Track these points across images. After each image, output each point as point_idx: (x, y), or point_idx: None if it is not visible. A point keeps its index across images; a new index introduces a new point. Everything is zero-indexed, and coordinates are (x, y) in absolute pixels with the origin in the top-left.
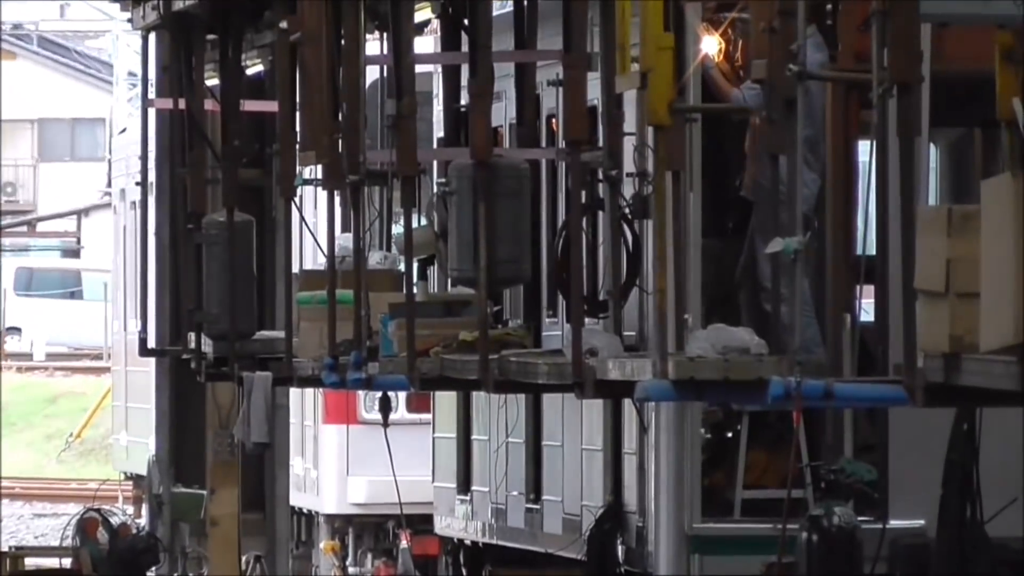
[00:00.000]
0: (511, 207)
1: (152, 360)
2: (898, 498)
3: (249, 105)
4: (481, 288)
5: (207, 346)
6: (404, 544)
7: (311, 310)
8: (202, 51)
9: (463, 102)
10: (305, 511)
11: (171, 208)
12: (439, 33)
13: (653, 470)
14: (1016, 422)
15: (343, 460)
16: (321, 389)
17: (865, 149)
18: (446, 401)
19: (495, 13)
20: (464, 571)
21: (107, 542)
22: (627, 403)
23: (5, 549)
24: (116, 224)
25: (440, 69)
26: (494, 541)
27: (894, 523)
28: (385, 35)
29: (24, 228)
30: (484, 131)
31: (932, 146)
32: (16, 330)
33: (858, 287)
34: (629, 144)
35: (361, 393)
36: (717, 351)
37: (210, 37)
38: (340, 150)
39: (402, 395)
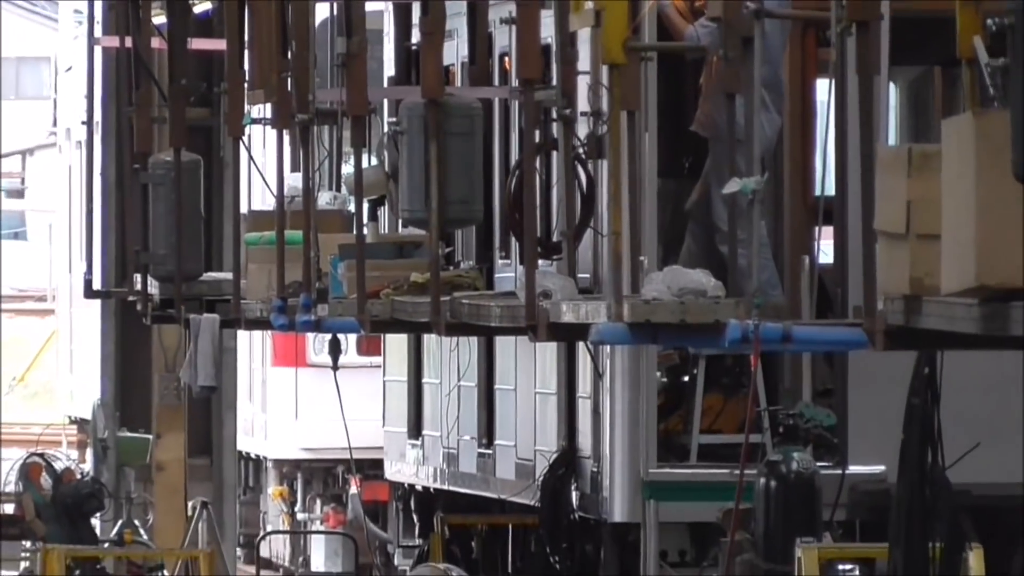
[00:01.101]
0: (463, 147)
1: (97, 302)
2: (857, 443)
3: (197, 43)
4: (433, 229)
5: (153, 288)
6: (354, 490)
7: (259, 251)
8: None
9: (414, 41)
10: (253, 456)
11: (117, 148)
12: None
13: (608, 415)
14: (978, 366)
15: (292, 404)
16: (269, 332)
17: (824, 88)
18: (397, 344)
19: None
20: (415, 517)
21: (51, 487)
22: (582, 347)
23: None
24: (61, 164)
25: (391, 7)
26: (445, 487)
27: (854, 469)
28: None
29: None
30: (435, 70)
31: (892, 85)
32: None
33: (817, 228)
34: (584, 83)
35: (310, 336)
36: (673, 293)
37: None
38: (289, 89)
39: (352, 338)
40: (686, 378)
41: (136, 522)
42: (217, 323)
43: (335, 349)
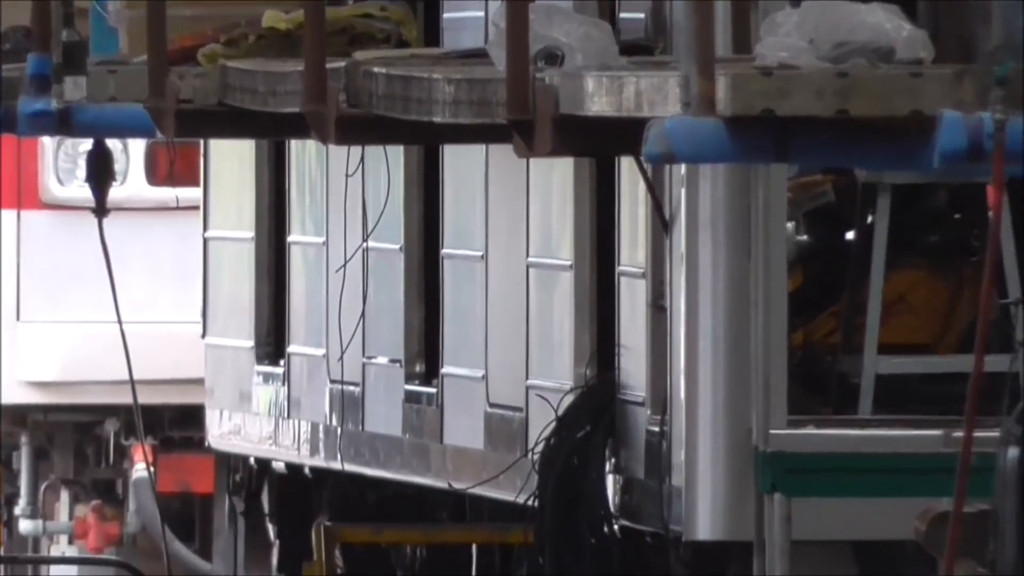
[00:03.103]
0: None
1: None
2: None
3: None
4: None
5: None
6: (140, 469)
7: None
8: None
9: None
10: None
11: None
12: None
13: (683, 312)
14: None
15: (12, 291)
16: None
17: None
18: (231, 163)
19: None
20: (270, 526)
21: None
22: (626, 170)
23: None
24: None
25: None
26: (336, 464)
27: None
28: None
29: None
30: None
31: None
32: None
33: None
34: None
35: (49, 143)
36: (822, 53)
37: None
38: None
39: (137, 148)
40: (849, 235)
41: None
42: None
43: (100, 172)
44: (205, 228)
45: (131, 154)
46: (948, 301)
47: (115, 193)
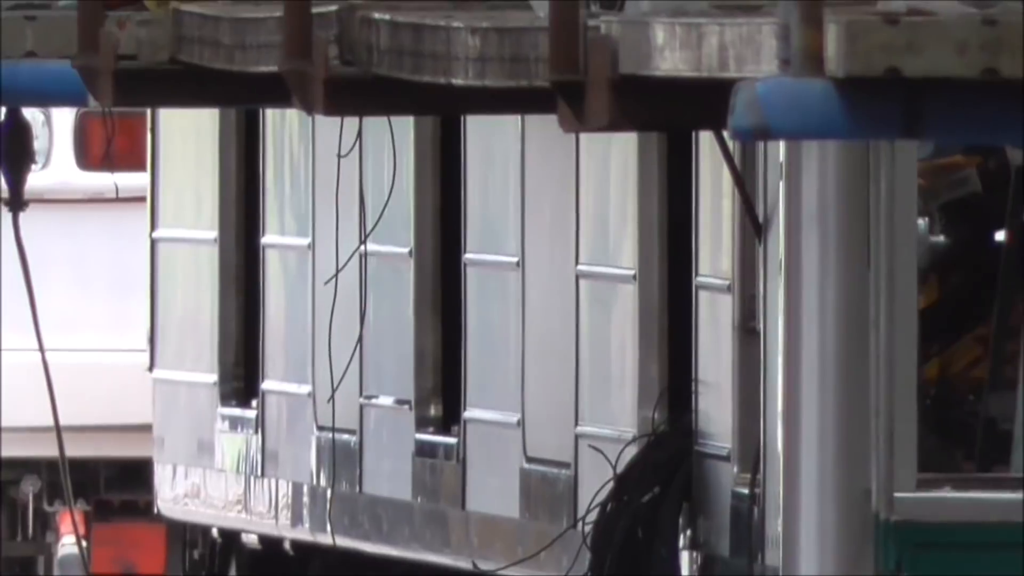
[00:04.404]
0: None
1: None
2: None
3: None
4: None
5: None
6: (67, 544)
7: None
8: None
9: None
10: None
11: None
12: None
13: (781, 332)
14: None
15: None
16: None
17: None
18: (186, 140)
19: None
20: None
21: None
22: (706, 151)
23: None
24: None
25: None
26: (323, 537)
27: None
28: None
29: None
30: None
31: None
32: None
33: None
34: None
35: None
36: None
37: None
38: None
39: (64, 120)
40: (999, 236)
41: None
42: None
43: (15, 153)
44: (153, 226)
45: (56, 128)
46: None
47: (35, 180)
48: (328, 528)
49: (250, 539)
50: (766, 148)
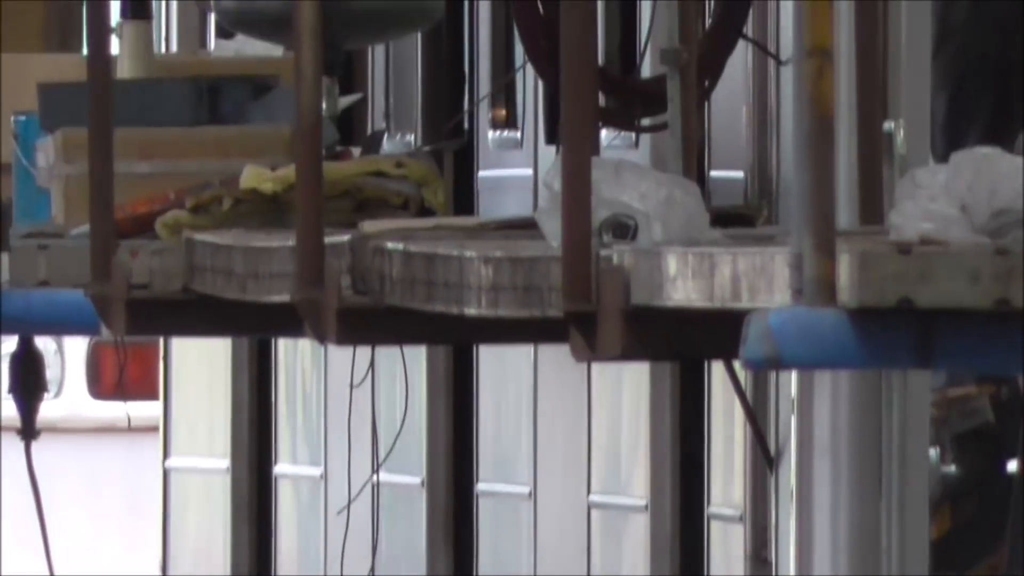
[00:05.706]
0: None
1: None
2: None
3: None
4: (303, 32)
5: None
6: None
7: None
8: None
9: None
10: None
11: None
12: None
13: (792, 562)
14: None
15: None
16: None
17: None
18: (199, 369)
19: None
20: None
21: None
22: (718, 377)
23: None
24: None
25: None
26: None
27: None
28: None
29: None
30: None
31: None
32: None
33: None
34: None
35: None
36: (979, 225)
37: None
38: None
39: (76, 349)
40: (1011, 466)
41: None
42: None
43: (27, 382)
44: (166, 455)
45: (68, 357)
46: None
47: (47, 409)
48: None
49: None
50: (778, 377)
